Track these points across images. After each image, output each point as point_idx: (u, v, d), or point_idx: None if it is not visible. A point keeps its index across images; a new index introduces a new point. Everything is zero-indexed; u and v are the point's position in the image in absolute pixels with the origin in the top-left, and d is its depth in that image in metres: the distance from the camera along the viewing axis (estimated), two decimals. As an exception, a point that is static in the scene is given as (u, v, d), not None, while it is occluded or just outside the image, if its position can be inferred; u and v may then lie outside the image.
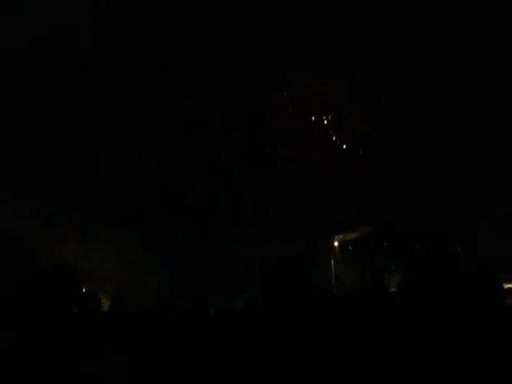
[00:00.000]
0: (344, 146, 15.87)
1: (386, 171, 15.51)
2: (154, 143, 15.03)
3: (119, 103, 14.62)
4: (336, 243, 16.14)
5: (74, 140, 14.60)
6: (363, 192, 15.23)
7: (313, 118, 15.85)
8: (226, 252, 14.19)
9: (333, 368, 2.82)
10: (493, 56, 14.13)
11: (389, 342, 2.94)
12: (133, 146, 14.94)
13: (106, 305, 4.74)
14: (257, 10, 14.64)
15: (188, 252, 14.29)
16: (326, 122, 15.91)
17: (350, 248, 15.96)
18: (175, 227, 14.67)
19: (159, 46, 14.76)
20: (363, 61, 14.70)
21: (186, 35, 14.92)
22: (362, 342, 2.96)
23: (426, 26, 14.27)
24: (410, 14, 14.41)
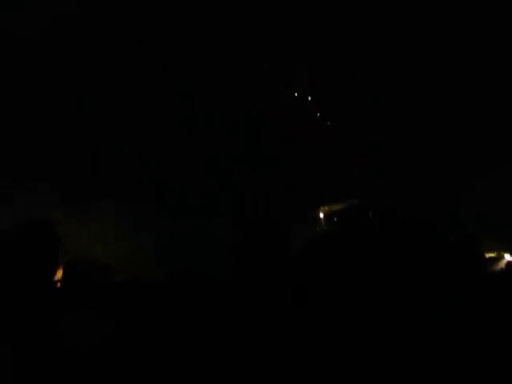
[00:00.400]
0: (329, 122, 15.92)
1: (372, 145, 15.64)
2: (140, 117, 14.96)
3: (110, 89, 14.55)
4: (321, 214, 16.26)
5: (59, 114, 14.47)
6: (350, 165, 15.34)
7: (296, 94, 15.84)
8: (209, 225, 14.26)
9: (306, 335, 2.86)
10: (483, 53, 14.27)
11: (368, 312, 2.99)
12: (119, 119, 14.86)
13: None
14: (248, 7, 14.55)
15: (176, 226, 14.35)
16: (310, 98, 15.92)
17: (335, 219, 16.09)
18: (162, 201, 14.70)
19: (156, 43, 14.60)
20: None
21: (182, 33, 14.78)
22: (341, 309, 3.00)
23: (419, 23, 14.34)
24: (404, 11, 14.44)
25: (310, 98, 15.70)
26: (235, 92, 15.14)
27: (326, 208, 17.14)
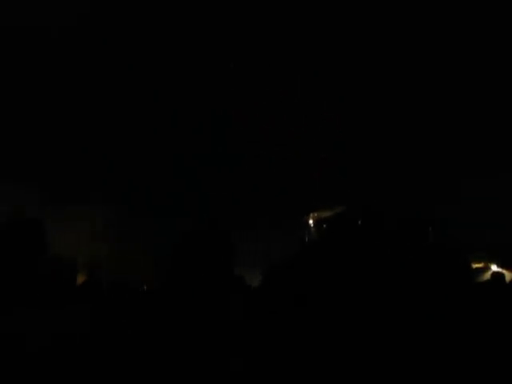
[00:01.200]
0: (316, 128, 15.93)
1: (361, 152, 15.67)
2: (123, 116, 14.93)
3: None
4: (311, 221, 16.28)
5: (44, 115, 14.45)
6: (338, 171, 15.37)
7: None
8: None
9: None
10: (473, 56, 14.39)
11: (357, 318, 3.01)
12: (101, 119, 14.84)
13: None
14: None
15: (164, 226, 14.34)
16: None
17: (325, 226, 16.12)
18: (147, 200, 14.71)
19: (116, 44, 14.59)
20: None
21: (144, 32, 14.77)
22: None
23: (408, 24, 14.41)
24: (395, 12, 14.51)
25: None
26: (202, 92, 15.13)
27: (316, 214, 17.20)
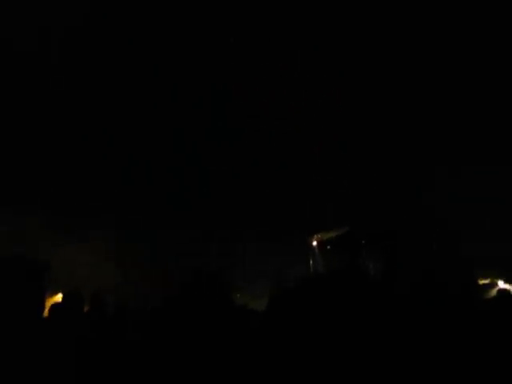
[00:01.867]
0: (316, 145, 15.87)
1: (361, 170, 15.64)
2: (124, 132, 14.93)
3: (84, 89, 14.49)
4: (315, 243, 16.25)
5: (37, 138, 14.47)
6: (338, 192, 15.33)
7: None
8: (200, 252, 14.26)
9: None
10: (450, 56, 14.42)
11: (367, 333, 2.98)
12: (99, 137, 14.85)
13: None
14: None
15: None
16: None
17: (329, 247, 16.08)
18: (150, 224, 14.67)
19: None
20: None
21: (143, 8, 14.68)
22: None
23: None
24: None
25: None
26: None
27: (319, 236, 17.18)
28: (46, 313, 3.44)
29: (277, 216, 15.42)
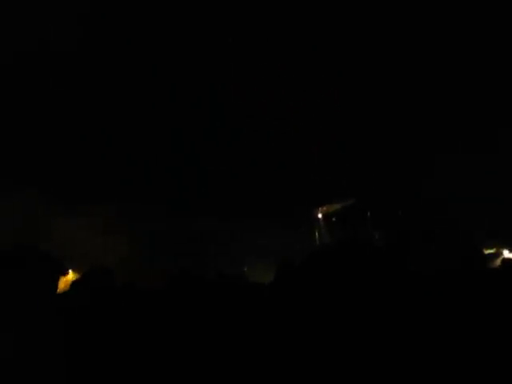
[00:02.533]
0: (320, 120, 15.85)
1: (365, 143, 15.64)
2: (120, 116, 14.95)
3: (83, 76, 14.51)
4: (320, 215, 16.30)
5: (40, 116, 14.55)
6: (344, 165, 15.34)
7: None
8: (206, 228, 14.32)
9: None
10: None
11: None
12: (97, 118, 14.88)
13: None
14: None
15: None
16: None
17: (334, 219, 16.14)
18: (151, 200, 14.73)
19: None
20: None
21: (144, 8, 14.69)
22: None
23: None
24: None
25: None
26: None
27: (325, 208, 17.22)
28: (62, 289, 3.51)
29: (282, 190, 15.46)
